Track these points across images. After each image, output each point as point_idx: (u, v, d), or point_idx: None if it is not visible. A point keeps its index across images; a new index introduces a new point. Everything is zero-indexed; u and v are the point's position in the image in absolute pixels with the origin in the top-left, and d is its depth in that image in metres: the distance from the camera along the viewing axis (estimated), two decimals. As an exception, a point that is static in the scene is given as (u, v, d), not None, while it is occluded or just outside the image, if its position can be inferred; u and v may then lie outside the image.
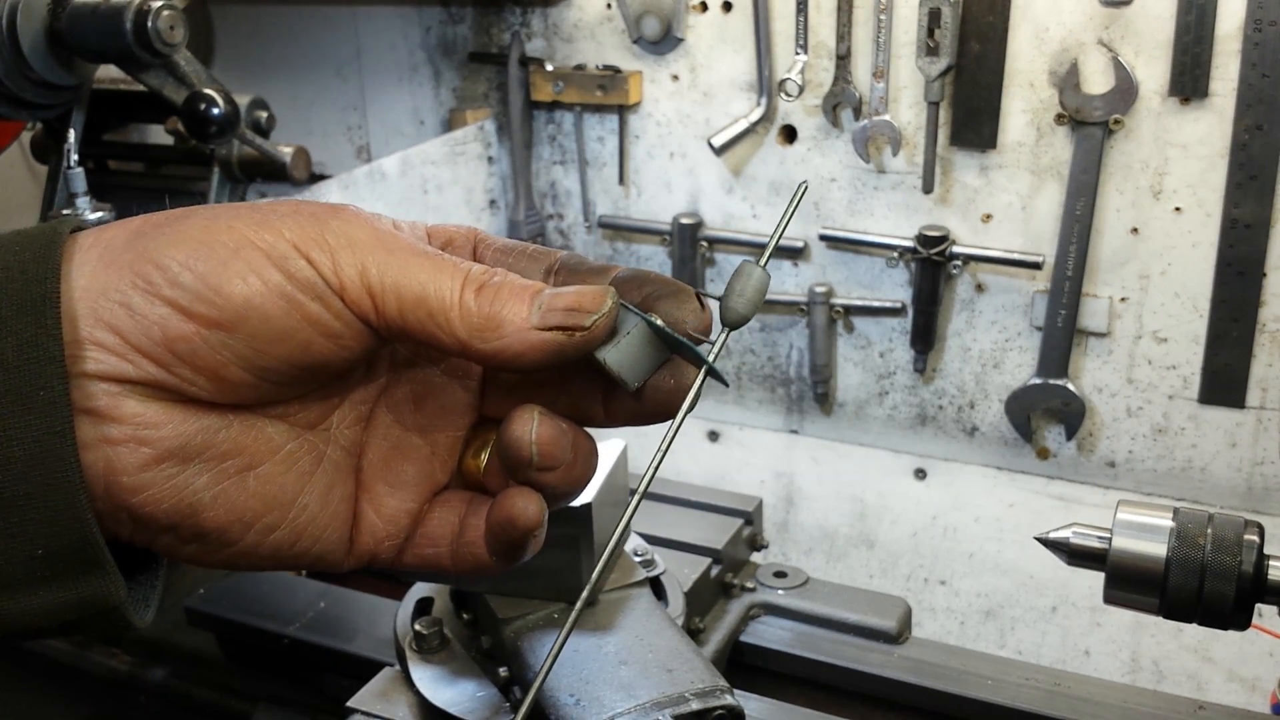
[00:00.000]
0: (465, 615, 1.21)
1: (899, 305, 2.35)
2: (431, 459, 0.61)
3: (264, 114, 2.02)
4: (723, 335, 0.62)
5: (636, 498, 0.58)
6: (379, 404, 0.61)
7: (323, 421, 0.58)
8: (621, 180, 2.55)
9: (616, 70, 2.44)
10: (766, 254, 0.63)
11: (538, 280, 0.58)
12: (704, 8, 2.36)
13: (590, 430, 0.61)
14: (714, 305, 0.61)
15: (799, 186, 0.64)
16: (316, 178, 2.10)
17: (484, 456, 0.62)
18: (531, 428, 0.56)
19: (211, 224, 0.52)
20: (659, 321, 0.58)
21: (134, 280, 0.50)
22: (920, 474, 2.47)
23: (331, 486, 0.58)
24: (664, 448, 0.59)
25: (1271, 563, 0.98)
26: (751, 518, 1.48)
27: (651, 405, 0.59)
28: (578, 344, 0.54)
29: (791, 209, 0.61)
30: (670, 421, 0.59)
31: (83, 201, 1.61)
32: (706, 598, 1.37)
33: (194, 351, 0.50)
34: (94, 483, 0.50)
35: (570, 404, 0.60)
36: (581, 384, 0.60)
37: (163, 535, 0.52)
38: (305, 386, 0.56)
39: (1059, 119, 2.13)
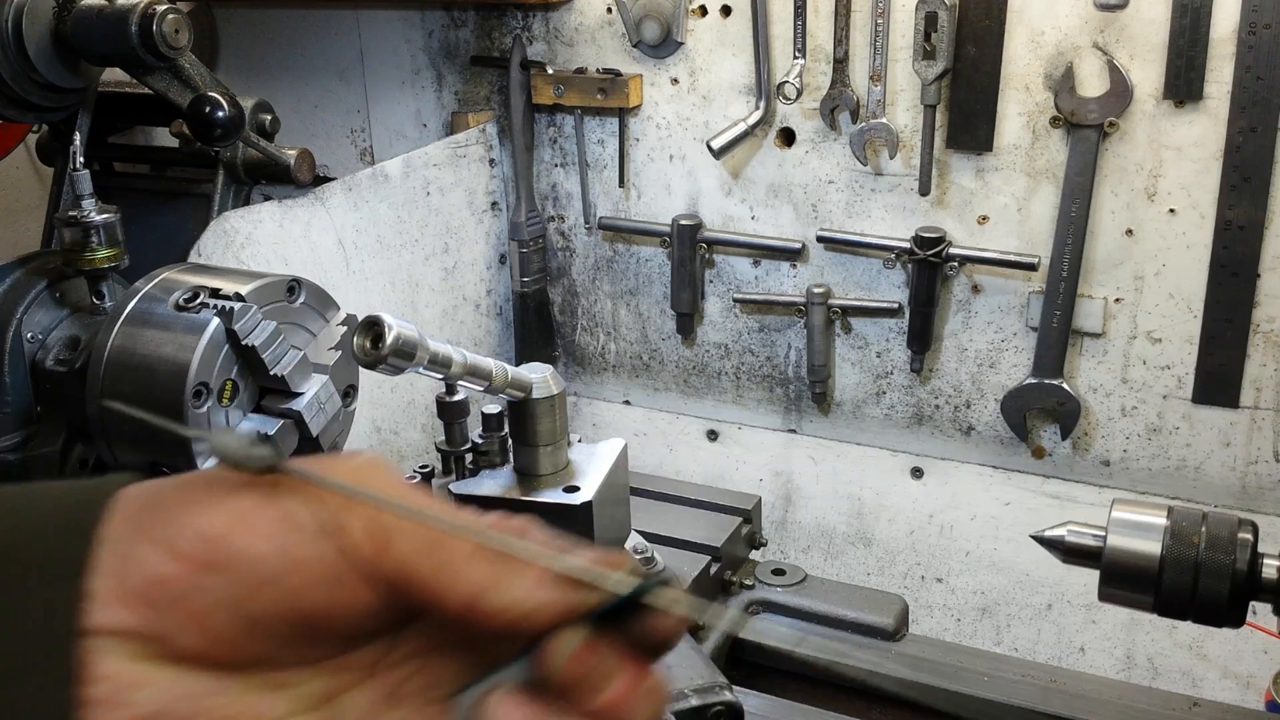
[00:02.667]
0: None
1: (896, 306, 2.37)
2: None
3: (268, 117, 2.03)
4: None
5: None
6: (408, 684, 0.53)
7: (333, 699, 0.51)
8: (622, 182, 2.57)
9: (617, 74, 2.45)
10: None
11: None
12: (703, 12, 2.38)
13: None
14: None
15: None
16: (320, 180, 2.11)
17: None
18: (497, 705, 0.49)
19: (221, 472, 0.50)
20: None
21: (136, 527, 0.48)
22: (917, 473, 2.49)
23: None
24: None
25: (1265, 561, 0.99)
26: (750, 516, 1.50)
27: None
28: (591, 604, 0.49)
29: None
30: None
31: (88, 203, 1.62)
32: (706, 595, 1.39)
33: (182, 595, 0.47)
34: None
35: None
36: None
37: None
38: (307, 647, 0.50)
39: (1054, 122, 2.14)
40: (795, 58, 2.28)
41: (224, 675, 0.48)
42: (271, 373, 1.42)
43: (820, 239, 2.39)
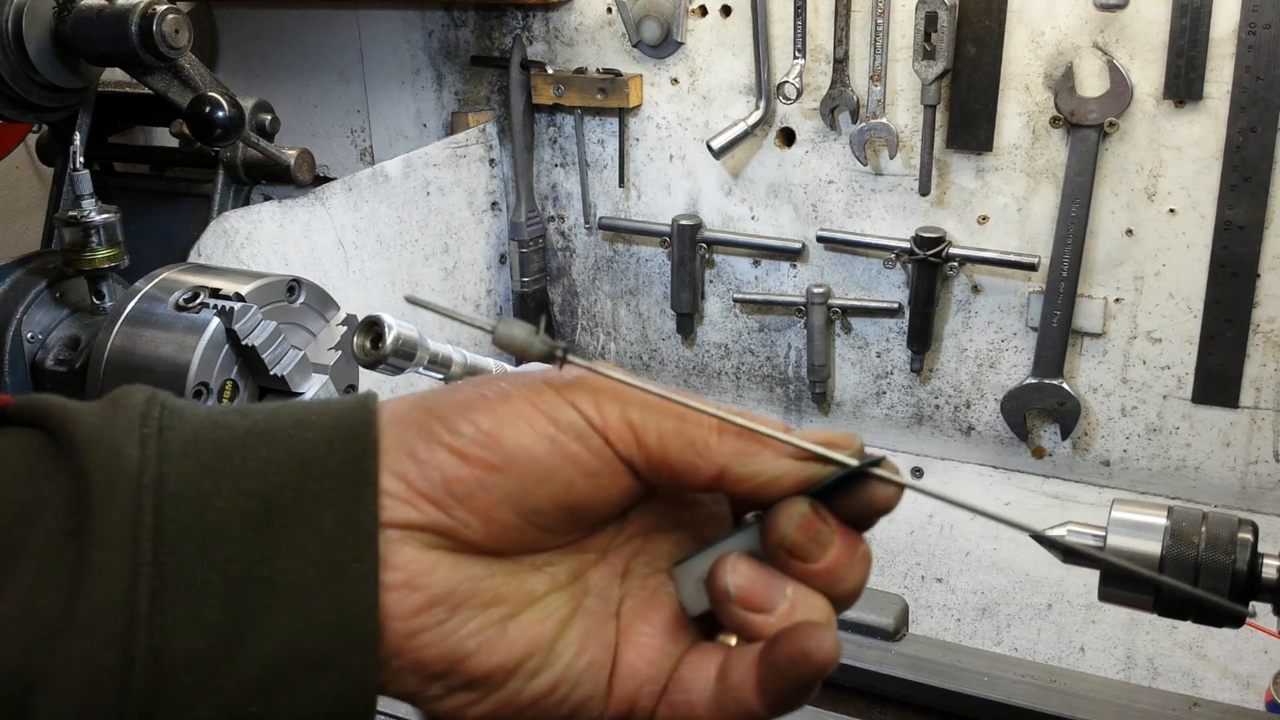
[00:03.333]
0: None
1: (896, 306, 2.37)
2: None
3: (268, 117, 2.03)
4: None
5: None
6: (634, 561, 0.61)
7: (580, 577, 0.59)
8: (622, 182, 2.57)
9: (617, 74, 2.45)
10: None
11: None
12: (703, 12, 2.38)
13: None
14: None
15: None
16: (320, 180, 2.11)
17: None
18: (728, 567, 0.56)
19: (484, 385, 0.56)
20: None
21: (419, 433, 0.54)
22: (917, 473, 2.49)
23: (589, 632, 0.58)
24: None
25: (1265, 561, 0.99)
26: (751, 516, 1.49)
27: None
28: (826, 473, 0.55)
29: None
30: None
31: (88, 203, 1.62)
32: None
33: (470, 493, 0.53)
34: None
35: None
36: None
37: (433, 684, 0.54)
38: (567, 532, 0.57)
39: (1054, 122, 2.14)
40: (795, 58, 2.28)
41: (496, 560, 0.55)
42: (271, 373, 1.42)
43: (820, 239, 2.39)
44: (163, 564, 0.49)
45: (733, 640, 0.58)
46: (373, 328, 1.03)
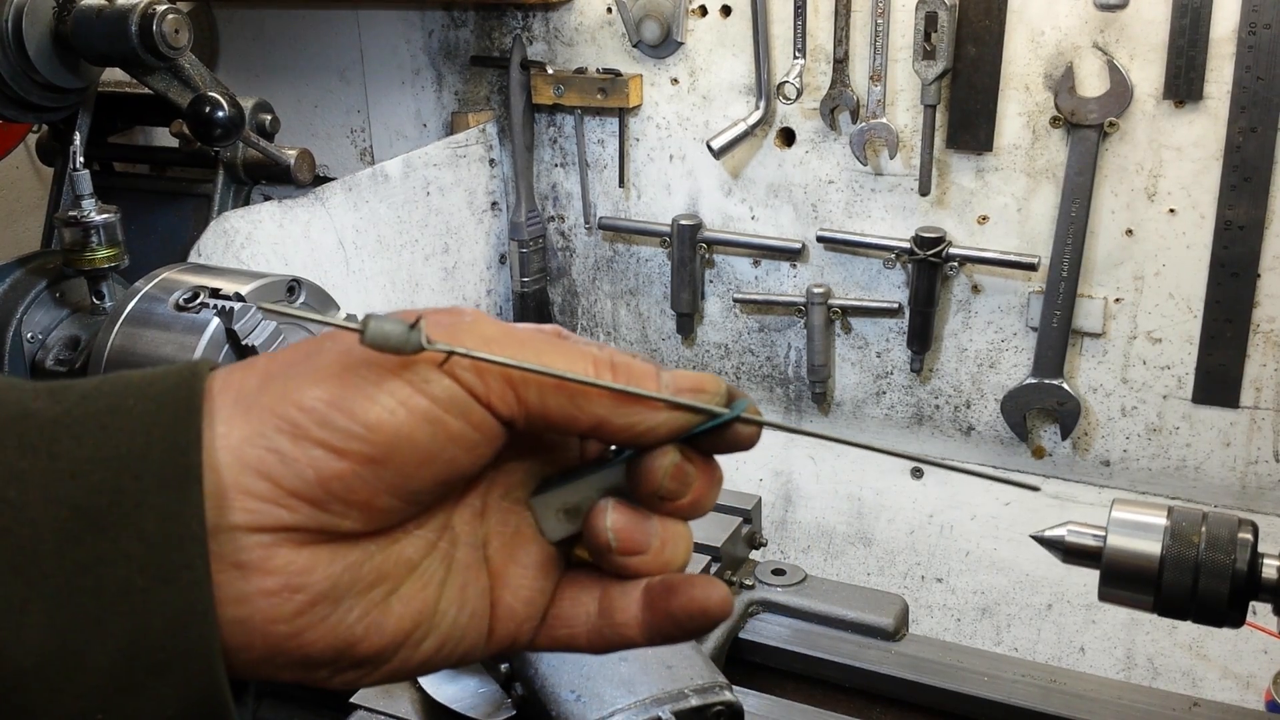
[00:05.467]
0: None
1: (896, 306, 2.37)
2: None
3: (268, 117, 2.03)
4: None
5: None
6: (489, 495, 0.60)
7: (447, 527, 0.58)
8: (622, 182, 2.57)
9: (617, 74, 2.45)
10: None
11: None
12: (703, 12, 2.38)
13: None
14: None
15: None
16: (320, 180, 2.11)
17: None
18: (607, 518, 0.58)
19: (346, 356, 0.52)
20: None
21: (278, 424, 0.50)
22: (917, 473, 2.49)
23: (465, 585, 0.58)
24: None
25: (1265, 561, 0.98)
26: (750, 516, 1.49)
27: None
28: (698, 420, 0.58)
29: None
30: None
31: (88, 203, 1.62)
32: (706, 595, 1.38)
33: (349, 488, 0.51)
34: (250, 634, 0.50)
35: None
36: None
37: (321, 670, 0.54)
38: (440, 500, 0.57)
39: (1054, 122, 2.14)
40: (795, 58, 2.28)
41: (371, 542, 0.54)
42: (272, 373, 1.42)
43: (820, 239, 2.39)
44: None
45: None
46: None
